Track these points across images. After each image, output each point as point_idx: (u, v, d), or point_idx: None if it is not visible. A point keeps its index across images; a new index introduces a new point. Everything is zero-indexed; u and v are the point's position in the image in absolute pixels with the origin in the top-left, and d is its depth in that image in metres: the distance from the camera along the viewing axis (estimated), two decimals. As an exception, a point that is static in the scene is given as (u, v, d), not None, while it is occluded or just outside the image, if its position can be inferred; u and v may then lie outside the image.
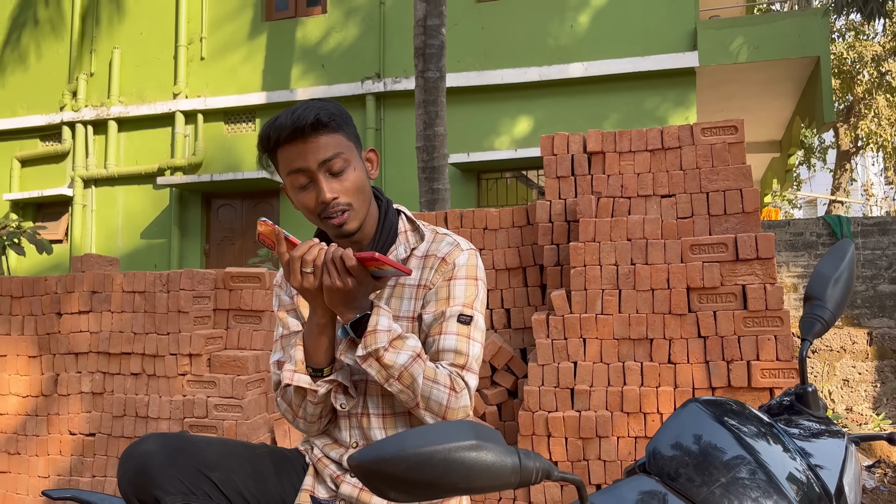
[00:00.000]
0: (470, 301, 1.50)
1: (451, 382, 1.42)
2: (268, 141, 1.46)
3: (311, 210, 1.47)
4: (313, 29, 9.91)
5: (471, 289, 1.51)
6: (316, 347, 1.44)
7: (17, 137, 10.94)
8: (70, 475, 3.63)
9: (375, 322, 1.39)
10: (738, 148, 3.21)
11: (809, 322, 1.33)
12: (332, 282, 1.36)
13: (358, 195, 1.48)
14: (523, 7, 9.14)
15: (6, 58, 11.14)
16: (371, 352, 1.37)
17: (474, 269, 1.54)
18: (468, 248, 1.56)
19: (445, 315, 1.48)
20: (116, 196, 10.48)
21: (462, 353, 1.46)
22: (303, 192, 1.47)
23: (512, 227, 3.68)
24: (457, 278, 1.51)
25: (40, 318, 3.81)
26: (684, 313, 3.03)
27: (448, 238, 1.57)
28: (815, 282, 1.36)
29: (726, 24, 8.62)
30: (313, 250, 1.37)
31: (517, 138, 9.07)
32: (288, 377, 1.44)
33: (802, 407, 1.26)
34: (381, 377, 1.39)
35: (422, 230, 1.60)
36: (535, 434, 3.07)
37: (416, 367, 1.39)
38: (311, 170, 1.44)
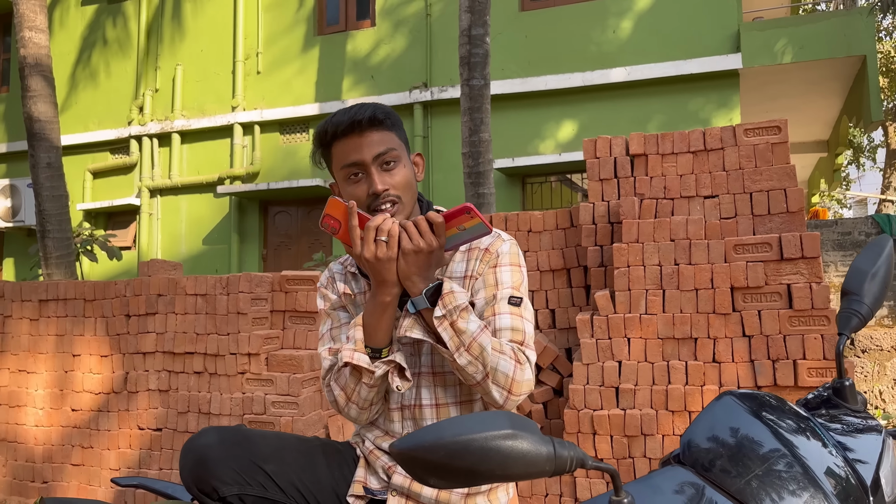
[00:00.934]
0: (517, 284, 1.55)
1: (515, 355, 1.44)
2: (325, 135, 1.53)
3: (362, 201, 1.51)
4: (363, 41, 10.16)
5: (516, 274, 1.56)
6: (377, 327, 1.46)
7: (89, 151, 11.53)
8: (139, 468, 3.85)
9: (450, 286, 1.41)
10: (782, 148, 3.22)
11: (846, 316, 1.33)
12: (414, 244, 1.38)
13: (406, 191, 1.53)
14: (565, 14, 9.19)
15: (78, 75, 11.76)
16: (449, 311, 1.38)
17: (517, 257, 1.59)
18: (508, 238, 1.61)
19: (497, 298, 1.52)
20: (180, 204, 10.93)
21: (519, 329, 1.49)
22: (355, 185, 1.52)
23: (556, 229, 3.75)
24: (502, 265, 1.55)
25: (111, 319, 4.06)
26: (728, 312, 3.05)
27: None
28: (851, 276, 1.36)
29: (770, 25, 8.48)
30: (388, 221, 1.41)
31: (561, 142, 9.10)
32: (347, 355, 1.45)
33: (840, 401, 1.26)
34: (454, 344, 1.39)
35: None
36: (581, 432, 3.13)
37: (485, 337, 1.40)
38: (365, 162, 1.49)
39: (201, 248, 10.76)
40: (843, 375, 1.28)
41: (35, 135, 6.29)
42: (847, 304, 1.34)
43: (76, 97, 11.73)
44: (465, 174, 5.55)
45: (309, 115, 10.25)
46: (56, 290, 4.20)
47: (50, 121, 6.37)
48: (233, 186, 10.22)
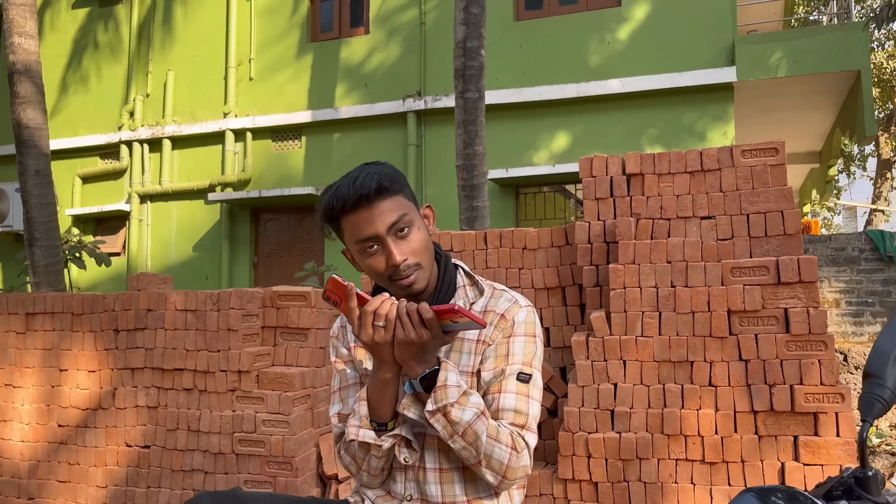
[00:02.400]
0: (529, 359, 1.52)
1: (512, 442, 1.44)
2: (332, 211, 1.49)
3: (381, 273, 1.49)
4: (356, 49, 10.13)
5: (529, 346, 1.53)
6: (381, 402, 1.46)
7: (79, 156, 11.43)
8: (126, 485, 3.79)
9: (445, 377, 1.41)
10: (779, 170, 3.20)
11: (869, 402, 1.26)
12: (406, 335, 1.38)
13: (425, 254, 1.51)
14: (561, 25, 9.19)
15: (68, 80, 11.66)
16: (440, 407, 1.39)
17: (533, 327, 1.55)
18: (526, 304, 1.58)
19: (505, 373, 1.50)
20: (170, 211, 10.85)
21: (522, 412, 1.48)
22: (372, 258, 1.49)
23: (551, 246, 3.72)
24: (516, 335, 1.53)
25: (99, 334, 4.00)
26: (725, 336, 3.02)
27: (507, 294, 1.59)
28: (874, 359, 1.29)
29: (764, 38, 8.52)
30: (386, 304, 1.40)
31: (555, 153, 9.10)
32: (353, 433, 1.47)
33: (862, 492, 1.21)
34: (447, 433, 1.41)
35: (480, 285, 1.62)
36: (576, 455, 3.10)
37: (481, 425, 1.41)
38: (380, 235, 1.46)
39: (191, 255, 10.68)
40: (867, 465, 1.23)
41: (23, 142, 6.21)
42: (869, 388, 1.28)
43: (66, 101, 11.63)
44: (459, 187, 5.52)
45: (301, 122, 10.20)
46: (44, 303, 4.14)
47: (39, 128, 6.29)
48: (224, 193, 10.15)
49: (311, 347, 3.77)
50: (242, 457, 3.57)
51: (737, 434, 2.95)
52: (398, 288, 1.50)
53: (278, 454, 3.49)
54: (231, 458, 3.60)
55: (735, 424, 2.96)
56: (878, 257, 6.81)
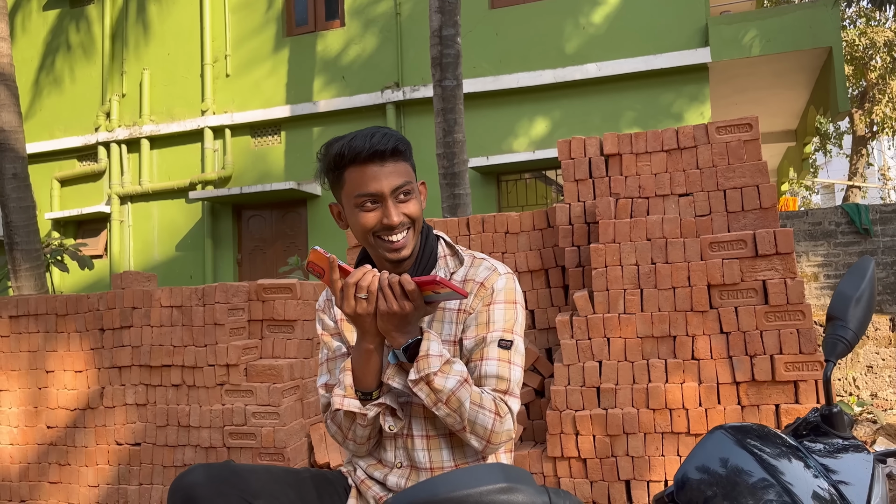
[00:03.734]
0: (510, 326, 1.53)
1: (495, 407, 1.46)
2: (340, 159, 1.48)
3: (369, 229, 1.50)
4: (333, 42, 10.09)
5: (510, 313, 1.54)
6: (364, 372, 1.48)
7: (56, 158, 11.31)
8: (118, 484, 3.80)
9: (427, 347, 1.42)
10: (754, 145, 3.26)
11: (832, 342, 1.33)
12: (388, 306, 1.39)
13: (417, 222, 1.53)
14: (536, 11, 9.21)
15: (42, 81, 11.52)
16: (423, 376, 1.41)
17: (513, 293, 1.56)
18: (506, 272, 1.58)
19: (486, 340, 1.52)
20: (151, 211, 10.77)
21: (504, 378, 1.49)
22: (365, 213, 1.49)
23: (533, 230, 3.76)
24: (496, 303, 1.54)
25: (84, 334, 3.98)
26: (706, 310, 3.08)
27: (486, 262, 1.60)
28: (836, 302, 1.36)
29: (737, 18, 8.60)
30: (367, 276, 1.41)
31: (535, 139, 9.14)
32: (338, 402, 1.49)
33: (829, 428, 1.26)
34: (430, 401, 1.43)
35: (461, 255, 1.63)
36: (563, 432, 3.14)
37: (464, 392, 1.43)
38: (384, 194, 1.47)
39: (175, 254, 10.62)
40: (832, 402, 1.29)
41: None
42: (832, 329, 1.35)
43: (41, 104, 11.49)
44: (441, 175, 5.54)
45: (280, 117, 10.15)
46: (27, 305, 4.12)
47: (14, 130, 6.22)
48: (205, 192, 10.10)
49: (299, 339, 3.79)
50: (234, 449, 3.59)
51: (720, 405, 3.01)
52: (384, 248, 1.51)
53: (269, 445, 3.51)
54: (223, 451, 3.61)
55: (718, 396, 3.02)
56: (855, 230, 6.92)
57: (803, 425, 1.29)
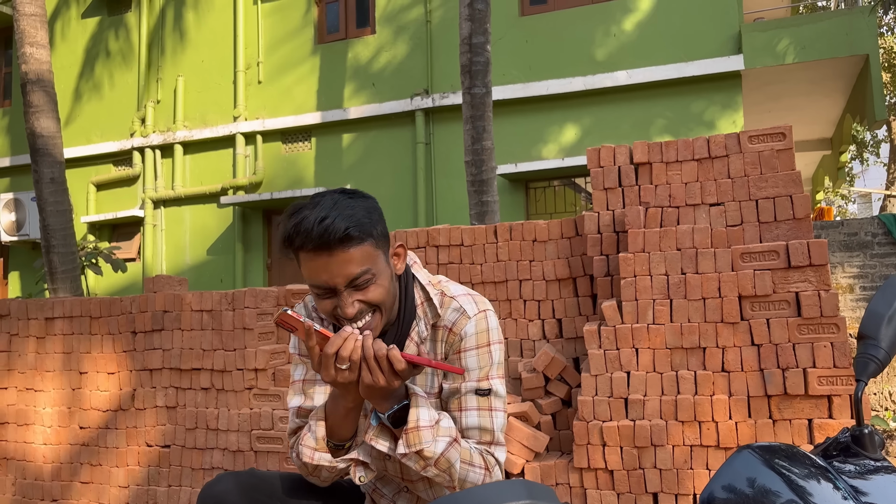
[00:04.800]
0: (485, 373, 1.47)
1: (484, 462, 1.41)
2: (290, 242, 1.36)
3: (328, 314, 1.41)
4: (363, 49, 10.17)
5: (483, 358, 1.47)
6: (341, 426, 1.41)
7: (92, 163, 11.56)
8: (148, 485, 3.85)
9: (416, 417, 1.33)
10: (787, 154, 3.20)
11: (863, 362, 1.29)
12: (374, 380, 1.28)
13: (385, 301, 1.40)
14: (566, 18, 9.18)
15: (81, 88, 11.80)
16: (415, 451, 1.33)
17: (485, 335, 1.48)
18: (474, 313, 1.49)
19: (461, 391, 1.46)
20: (183, 215, 10.94)
21: (487, 428, 1.45)
22: (322, 300, 1.39)
23: (561, 238, 3.74)
24: (467, 350, 1.47)
25: (117, 336, 4.06)
26: (737, 321, 3.03)
27: (454, 303, 1.50)
28: (868, 320, 1.32)
29: (771, 25, 8.48)
30: (349, 344, 1.29)
31: (564, 147, 9.10)
32: (308, 455, 1.41)
33: (859, 449, 1.23)
34: (419, 466, 1.35)
35: (435, 304, 1.51)
36: (591, 443, 3.11)
37: (453, 453, 1.36)
38: (336, 287, 1.35)
39: (206, 258, 10.77)
40: (862, 422, 1.25)
41: (38, 150, 6.29)
42: (864, 348, 1.31)
43: (79, 110, 11.76)
44: (469, 182, 5.54)
45: (310, 123, 10.26)
46: (62, 307, 4.21)
47: (53, 136, 6.38)
48: (236, 196, 10.23)
49: (326, 344, 3.81)
50: (261, 454, 3.62)
51: (751, 419, 2.95)
52: (346, 327, 1.39)
53: (296, 450, 3.54)
54: (250, 455, 3.65)
55: (749, 409, 2.97)
56: (892, 241, 6.76)
57: (833, 445, 1.26)
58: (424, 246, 3.95)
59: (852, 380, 2.85)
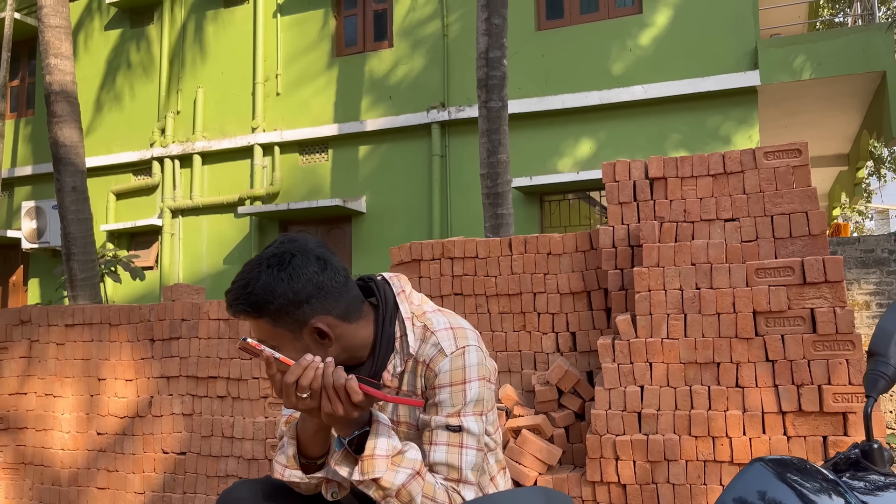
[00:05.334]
0: (457, 410, 1.45)
1: (448, 499, 1.40)
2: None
3: None
4: (381, 62, 10.27)
5: (457, 396, 1.45)
6: (311, 443, 1.43)
7: (113, 173, 11.74)
8: (163, 492, 3.89)
9: (374, 446, 1.34)
10: (803, 171, 3.21)
11: (873, 379, 1.31)
12: (332, 409, 1.29)
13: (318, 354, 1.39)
14: (582, 33, 9.23)
15: (102, 99, 12.00)
16: (369, 479, 1.34)
17: (460, 373, 1.46)
18: (451, 350, 1.47)
19: (432, 424, 1.45)
20: (201, 225, 11.06)
21: (454, 466, 1.42)
22: None
23: (575, 251, 3.76)
24: (441, 386, 1.46)
25: (135, 343, 4.11)
26: (751, 337, 3.03)
27: (433, 339, 1.50)
28: (877, 338, 1.33)
29: (788, 41, 8.48)
30: (308, 373, 1.29)
31: (579, 160, 9.12)
32: (279, 471, 1.44)
33: (869, 464, 1.24)
34: (379, 496, 1.36)
35: (409, 338, 1.51)
36: (604, 457, 3.12)
37: (415, 486, 1.36)
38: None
39: (222, 267, 10.87)
40: (871, 438, 1.27)
41: (60, 159, 6.41)
42: (874, 365, 1.33)
43: (100, 120, 11.95)
44: (484, 195, 5.58)
45: (328, 135, 10.35)
46: (82, 314, 4.27)
47: (75, 146, 6.50)
48: (253, 207, 10.34)
49: (341, 354, 3.84)
50: (275, 462, 3.65)
51: (765, 435, 2.94)
52: None
53: (310, 459, 3.56)
54: (264, 463, 3.68)
55: (763, 425, 2.96)
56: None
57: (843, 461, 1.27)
58: (439, 258, 3.98)
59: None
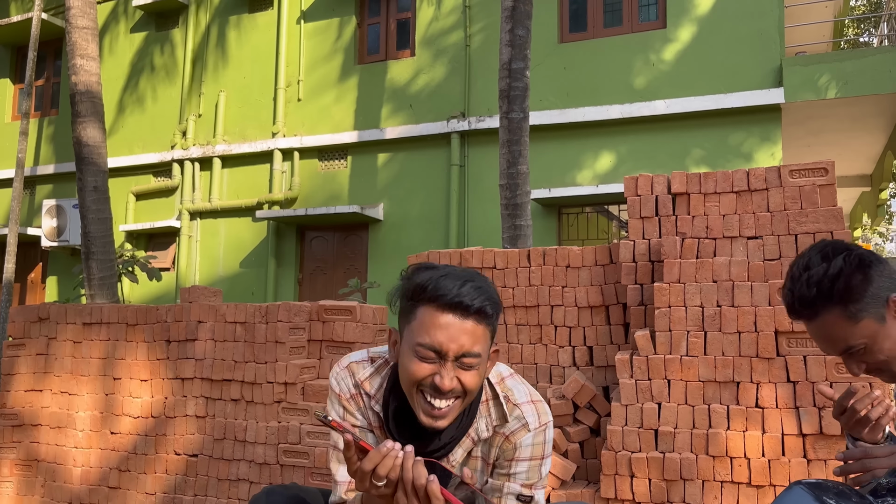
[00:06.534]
0: (532, 482, 1.49)
1: None
2: (421, 291, 1.35)
3: (416, 381, 1.36)
4: (402, 71, 10.31)
5: (533, 472, 1.49)
6: None
7: (133, 173, 11.84)
8: (174, 493, 3.89)
9: None
10: (829, 190, 3.16)
11: None
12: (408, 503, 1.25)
13: (469, 395, 1.39)
14: (605, 46, 9.21)
15: (125, 100, 12.13)
16: None
17: (540, 449, 1.49)
18: (535, 427, 1.49)
19: (503, 491, 1.48)
20: (219, 228, 11.13)
21: None
22: (420, 362, 1.35)
23: (595, 265, 3.73)
24: (520, 459, 1.48)
25: (152, 344, 4.13)
26: (772, 357, 2.98)
27: (517, 412, 1.49)
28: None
29: (813, 60, 8.40)
30: (387, 462, 1.24)
31: (599, 174, 9.08)
32: None
33: None
34: None
35: (502, 407, 1.49)
36: (619, 474, 3.08)
37: None
38: (447, 354, 1.33)
39: (238, 270, 10.92)
40: None
41: (83, 159, 6.48)
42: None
43: (123, 121, 12.08)
44: (503, 206, 5.56)
45: (347, 142, 10.39)
46: (100, 313, 4.30)
47: (98, 146, 6.56)
48: (271, 211, 10.38)
49: (356, 361, 3.82)
50: (287, 468, 3.64)
51: (784, 457, 2.89)
52: (423, 408, 1.38)
53: (322, 466, 3.55)
54: (276, 468, 3.67)
55: (783, 447, 2.91)
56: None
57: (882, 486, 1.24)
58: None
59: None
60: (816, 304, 1.37)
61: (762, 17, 8.47)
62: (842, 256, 1.37)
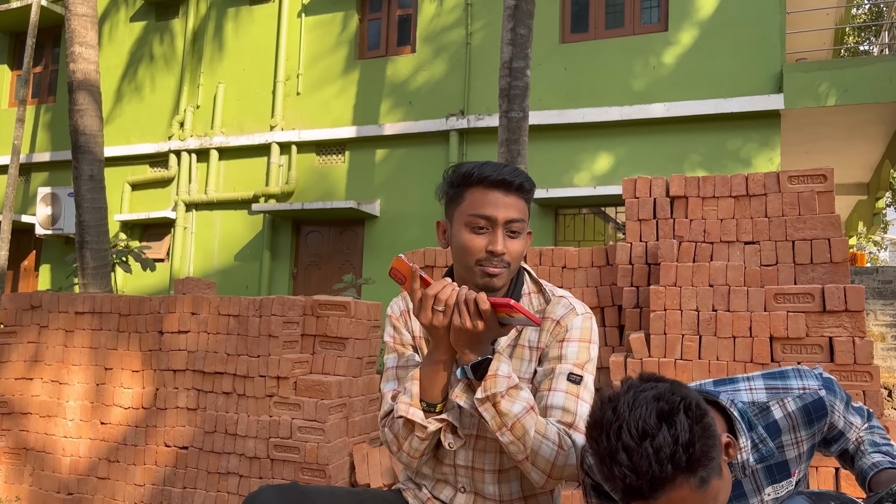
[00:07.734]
0: (581, 362, 1.53)
1: (559, 440, 1.43)
2: (468, 177, 1.53)
3: (474, 252, 1.52)
4: (402, 67, 10.28)
5: (583, 352, 1.54)
6: (433, 382, 1.49)
7: (130, 163, 11.79)
8: (163, 485, 3.87)
9: (496, 367, 1.41)
10: (827, 197, 3.16)
11: None
12: (461, 322, 1.40)
13: (516, 260, 1.55)
14: (606, 48, 9.21)
15: (123, 89, 12.07)
16: (489, 395, 1.40)
17: (588, 332, 1.57)
18: (583, 311, 1.59)
19: (555, 372, 1.52)
20: (214, 220, 11.09)
21: (570, 411, 1.48)
22: (475, 235, 1.52)
23: (591, 266, 3.72)
24: (570, 340, 1.54)
25: (144, 335, 4.10)
26: (767, 362, 2.98)
27: (564, 300, 1.60)
28: None
29: (813, 67, 8.41)
30: (447, 290, 1.42)
31: (596, 175, 9.08)
32: (403, 409, 1.48)
33: None
34: (495, 424, 1.41)
35: (547, 293, 1.62)
36: (609, 476, 3.07)
37: (529, 420, 1.41)
38: (498, 221, 1.50)
39: (233, 263, 10.88)
40: None
41: (80, 148, 6.44)
42: None
43: (120, 110, 12.02)
44: (500, 205, 5.55)
45: (345, 137, 10.36)
46: (92, 302, 4.27)
47: (94, 135, 6.52)
48: (267, 204, 10.35)
49: (349, 357, 3.81)
50: (277, 462, 3.62)
51: (776, 463, 2.89)
52: (479, 276, 1.52)
53: (312, 461, 3.53)
54: (266, 462, 3.65)
55: (775, 453, 2.91)
56: (928, 291, 6.63)
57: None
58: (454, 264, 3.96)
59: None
60: (676, 480, 1.07)
61: (763, 23, 8.47)
62: (682, 413, 1.08)
